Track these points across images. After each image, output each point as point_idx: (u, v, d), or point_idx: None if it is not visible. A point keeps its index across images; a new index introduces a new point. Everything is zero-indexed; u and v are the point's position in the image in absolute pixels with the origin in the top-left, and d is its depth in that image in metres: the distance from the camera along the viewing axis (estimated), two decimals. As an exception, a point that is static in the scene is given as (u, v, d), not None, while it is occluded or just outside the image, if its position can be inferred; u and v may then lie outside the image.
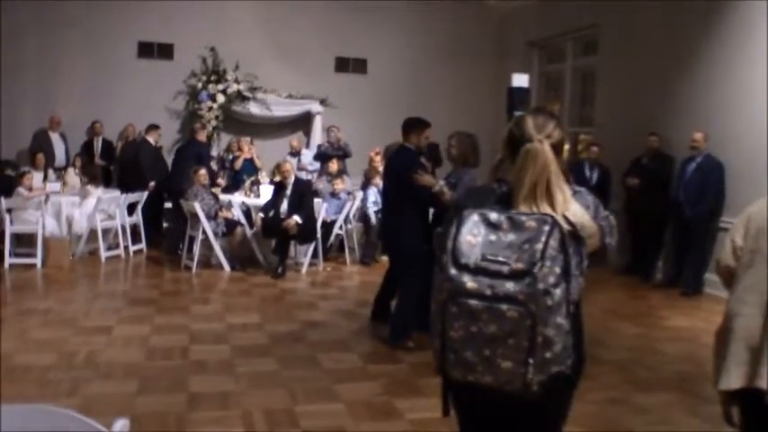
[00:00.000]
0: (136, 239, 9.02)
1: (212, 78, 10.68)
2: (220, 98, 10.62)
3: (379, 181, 9.39)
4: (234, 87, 10.69)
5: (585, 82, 11.04)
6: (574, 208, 2.04)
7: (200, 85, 10.67)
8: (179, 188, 8.64)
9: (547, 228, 1.86)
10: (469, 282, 1.84)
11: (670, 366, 5.27)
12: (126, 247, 8.78)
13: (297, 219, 7.89)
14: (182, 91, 10.85)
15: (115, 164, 10.64)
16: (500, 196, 2.08)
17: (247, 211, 8.77)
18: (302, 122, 11.58)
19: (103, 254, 8.45)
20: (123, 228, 8.75)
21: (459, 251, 1.87)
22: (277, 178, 8.69)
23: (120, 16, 10.65)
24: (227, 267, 8.19)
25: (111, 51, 10.74)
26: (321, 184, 9.57)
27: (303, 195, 8.19)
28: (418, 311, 5.42)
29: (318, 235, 8.39)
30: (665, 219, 8.24)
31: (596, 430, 4.01)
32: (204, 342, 5.45)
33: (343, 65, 11.91)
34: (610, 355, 5.49)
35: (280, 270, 8.01)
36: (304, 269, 8.33)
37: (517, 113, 2.07)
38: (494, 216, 1.90)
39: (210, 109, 10.59)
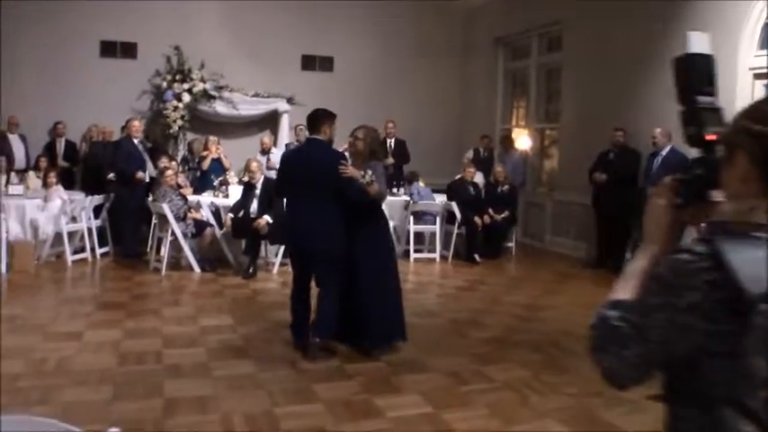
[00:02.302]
0: (103, 242, 8.86)
1: (177, 77, 10.54)
2: (186, 97, 10.49)
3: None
4: (200, 86, 10.56)
5: (550, 78, 11.14)
6: None
7: (165, 84, 10.53)
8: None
9: None
10: None
11: (643, 358, 5.33)
12: (93, 250, 8.63)
13: (267, 218, 7.83)
14: (146, 90, 10.69)
15: (79, 165, 10.45)
16: None
17: (216, 212, 8.68)
18: (269, 121, 11.50)
19: (69, 258, 8.29)
20: (89, 230, 8.59)
21: None
22: (245, 178, 8.61)
23: (81, 15, 10.46)
24: (197, 269, 8.10)
25: (72, 51, 10.55)
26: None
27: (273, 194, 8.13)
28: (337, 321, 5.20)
29: (289, 234, 8.33)
30: (632, 212, 8.35)
31: (575, 423, 4.05)
32: (178, 345, 5.37)
33: (309, 63, 11.87)
34: (584, 349, 5.54)
35: (251, 270, 7.94)
36: (275, 269, 8.27)
37: (702, 100, 1.33)
38: None
39: (176, 108, 10.44)
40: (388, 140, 10.41)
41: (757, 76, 7.14)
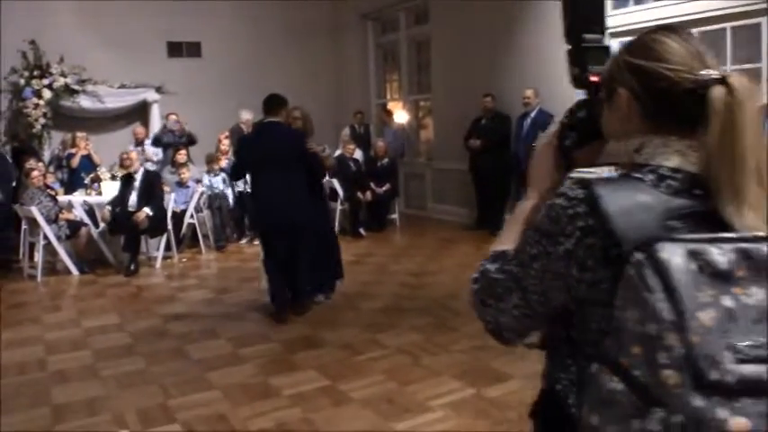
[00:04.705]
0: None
1: (35, 73, 9.98)
2: (47, 94, 9.96)
3: (221, 164, 9.26)
4: (60, 81, 10.05)
5: (420, 50, 11.33)
6: None
7: (22, 81, 9.96)
8: None
9: None
10: (736, 419, 0.90)
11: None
12: (-41, 263, 8.12)
13: (148, 211, 7.63)
14: (2, 90, 10.08)
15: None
16: (675, 198, 1.06)
17: (90, 210, 8.35)
18: (139, 112, 11.10)
19: (-67, 273, 7.77)
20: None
21: (696, 355, 0.92)
22: (120, 172, 8.31)
23: None
24: (75, 271, 7.78)
25: None
26: (166, 174, 9.25)
27: (153, 186, 7.92)
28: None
29: (169, 227, 8.14)
30: (507, 174, 8.68)
31: (467, 376, 4.22)
32: (62, 351, 5.17)
33: (176, 49, 11.51)
34: (468, 306, 5.75)
35: (132, 267, 7.70)
36: (158, 263, 8.07)
37: (589, 38, 1.27)
38: (717, 254, 0.97)
39: (37, 106, 9.91)
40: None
41: (613, 35, 7.52)
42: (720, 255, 0.96)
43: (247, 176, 6.99)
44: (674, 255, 0.95)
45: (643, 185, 1.06)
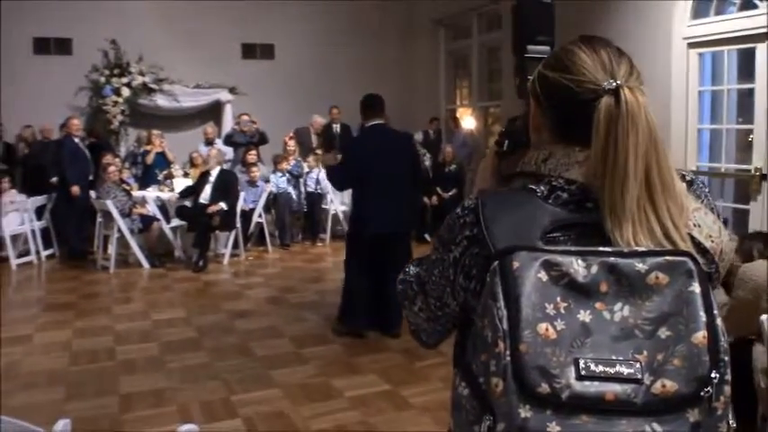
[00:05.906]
0: (47, 244, 8.64)
1: (115, 72, 10.33)
2: (125, 92, 10.29)
3: (287, 165, 9.38)
4: (139, 80, 10.37)
5: (492, 57, 11.24)
6: (701, 218, 1.09)
7: (102, 79, 10.31)
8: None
9: (695, 286, 0.93)
10: None
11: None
12: (37, 253, 8.42)
13: (223, 205, 7.87)
14: (84, 86, 10.44)
15: (18, 167, 10.15)
16: (561, 210, 1.04)
17: (162, 206, 8.57)
18: (212, 112, 11.35)
19: (14, 261, 8.08)
20: (33, 232, 8.38)
21: (525, 365, 0.89)
22: (192, 170, 8.52)
23: (10, 12, 10.13)
24: (145, 264, 8.00)
25: (3, 49, 10.21)
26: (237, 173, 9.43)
27: (228, 185, 8.12)
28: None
29: (238, 224, 8.29)
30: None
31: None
32: (130, 341, 5.32)
33: (250, 51, 11.72)
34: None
35: (201, 263, 7.88)
36: (226, 260, 8.22)
37: (533, 49, 1.31)
38: (579, 267, 0.94)
39: (116, 103, 10.24)
40: (334, 126, 10.41)
41: (691, 45, 7.31)
42: (583, 268, 0.93)
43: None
44: (525, 264, 0.93)
45: (532, 197, 1.05)
